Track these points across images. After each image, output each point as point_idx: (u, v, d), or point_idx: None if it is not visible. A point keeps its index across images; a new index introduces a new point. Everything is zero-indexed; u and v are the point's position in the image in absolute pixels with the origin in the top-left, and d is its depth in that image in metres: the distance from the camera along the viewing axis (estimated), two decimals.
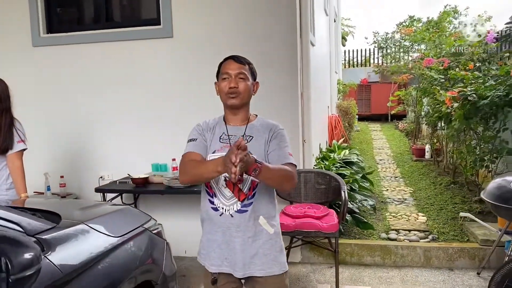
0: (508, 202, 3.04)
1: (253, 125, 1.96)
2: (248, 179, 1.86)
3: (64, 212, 1.99)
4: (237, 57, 1.95)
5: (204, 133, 1.96)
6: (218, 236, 1.90)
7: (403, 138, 10.77)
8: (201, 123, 2.03)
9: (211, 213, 1.90)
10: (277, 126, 1.96)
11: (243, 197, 1.86)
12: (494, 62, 5.31)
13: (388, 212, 5.20)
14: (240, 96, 1.90)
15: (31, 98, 4.34)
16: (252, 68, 1.98)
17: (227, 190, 1.88)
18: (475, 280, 3.65)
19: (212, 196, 1.90)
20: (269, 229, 1.90)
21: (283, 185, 1.82)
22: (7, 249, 1.19)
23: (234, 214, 1.86)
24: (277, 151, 1.87)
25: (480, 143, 4.73)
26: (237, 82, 1.89)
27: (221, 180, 1.88)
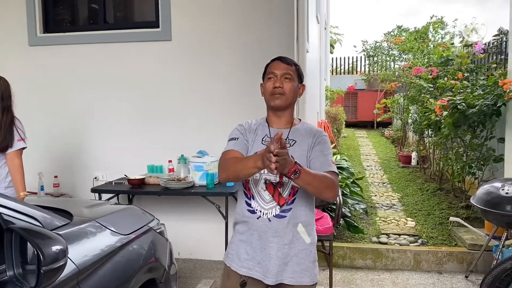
0: (497, 207, 3.15)
1: (297, 129, 1.90)
2: (289, 184, 1.80)
3: (73, 209, 2.02)
4: (284, 58, 1.91)
5: (246, 133, 1.91)
6: (253, 239, 1.83)
7: (389, 145, 10.96)
8: (243, 123, 1.97)
9: (248, 215, 1.84)
10: (321, 132, 1.90)
11: (282, 201, 1.79)
12: (482, 72, 5.48)
13: (378, 216, 5.30)
14: (284, 96, 1.84)
15: (26, 97, 4.28)
16: (299, 69, 1.92)
17: (266, 193, 1.82)
18: (463, 283, 3.76)
19: (250, 198, 1.84)
20: (306, 238, 1.83)
21: (324, 193, 1.73)
22: (38, 241, 1.22)
23: (272, 219, 1.79)
24: (319, 157, 1.81)
25: (468, 150, 4.88)
26: (282, 82, 1.83)
27: (261, 183, 1.82)
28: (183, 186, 3.68)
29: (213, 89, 4.11)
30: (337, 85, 13.89)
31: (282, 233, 1.79)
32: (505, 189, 3.16)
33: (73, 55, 4.36)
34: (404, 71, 8.03)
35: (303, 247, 1.82)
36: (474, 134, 4.63)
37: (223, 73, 4.06)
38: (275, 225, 1.79)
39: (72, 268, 1.56)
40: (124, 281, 1.90)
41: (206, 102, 4.16)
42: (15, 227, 1.30)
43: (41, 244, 1.22)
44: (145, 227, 2.27)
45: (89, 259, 1.67)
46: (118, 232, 1.99)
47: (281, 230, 1.79)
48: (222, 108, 4.08)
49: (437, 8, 43.01)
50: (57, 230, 1.61)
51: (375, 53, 12.00)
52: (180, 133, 4.21)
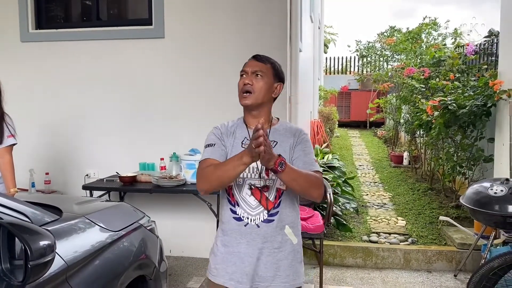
0: (485, 207, 3.19)
1: (276, 129, 1.82)
2: (274, 186, 1.74)
3: (63, 206, 2.01)
4: (259, 56, 1.82)
5: (223, 137, 1.81)
6: (240, 248, 1.75)
7: (382, 145, 11.01)
8: (219, 126, 1.87)
9: (233, 223, 1.76)
10: (301, 131, 1.83)
11: (271, 206, 1.74)
12: (473, 73, 5.53)
13: (369, 215, 5.34)
14: (253, 95, 1.74)
15: (17, 93, 4.29)
16: (276, 67, 1.82)
17: (252, 198, 1.74)
18: (452, 282, 3.80)
19: (235, 205, 1.77)
20: (294, 239, 1.79)
21: (310, 191, 1.67)
22: (25, 236, 1.22)
23: (260, 224, 1.73)
24: (302, 157, 1.75)
25: (458, 151, 4.92)
26: (252, 79, 1.75)
27: (245, 188, 1.75)
28: (174, 184, 3.68)
29: (205, 87, 4.11)
30: (331, 85, 13.94)
31: (271, 237, 1.74)
32: (494, 189, 3.20)
33: (66, 51, 4.34)
34: (397, 71, 8.07)
35: (292, 249, 1.79)
36: (465, 135, 4.67)
37: (215, 71, 4.06)
38: (264, 231, 1.73)
39: (61, 264, 1.56)
40: (114, 278, 1.90)
41: (199, 100, 4.16)
42: (3, 222, 1.30)
43: (28, 239, 1.22)
44: (135, 224, 2.27)
45: (78, 255, 1.67)
46: (108, 229, 1.99)
47: (270, 235, 1.74)
48: (214, 106, 4.08)
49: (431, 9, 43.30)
50: (46, 226, 1.61)
51: (368, 53, 12.05)
52: (172, 131, 4.21)
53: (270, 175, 1.72)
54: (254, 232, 1.74)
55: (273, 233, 1.74)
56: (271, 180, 1.74)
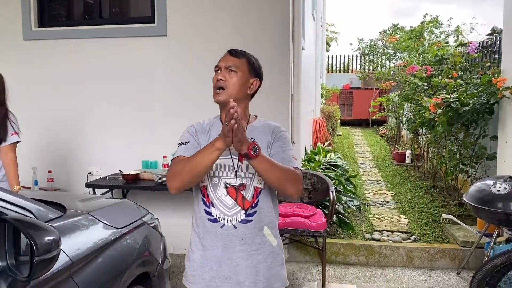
0: (488, 205, 3.18)
1: (254, 126, 1.75)
2: (251, 185, 1.66)
3: (67, 203, 2.02)
4: (234, 50, 1.74)
5: (197, 135, 1.75)
6: (217, 252, 1.66)
7: (384, 143, 11.00)
8: (194, 124, 1.81)
9: (209, 225, 1.67)
10: (279, 128, 1.76)
11: (248, 205, 1.65)
12: (475, 71, 5.51)
13: (371, 213, 5.33)
14: (226, 91, 1.67)
15: (20, 91, 4.29)
16: (253, 63, 1.74)
17: (228, 198, 1.65)
18: (455, 279, 3.80)
19: (209, 206, 1.67)
20: (273, 240, 1.72)
21: (286, 185, 1.59)
22: (31, 232, 1.22)
23: (237, 225, 1.64)
24: (280, 154, 1.67)
25: (461, 148, 4.92)
26: (225, 74, 1.67)
27: (221, 187, 1.66)
28: None
29: (208, 85, 4.06)
30: (333, 83, 13.92)
31: (250, 239, 1.65)
32: (497, 186, 3.19)
33: (68, 49, 4.35)
34: (399, 69, 8.06)
35: (271, 251, 1.71)
36: (468, 133, 4.66)
37: None
38: (241, 232, 1.65)
39: (66, 260, 1.57)
40: (117, 274, 1.91)
41: (201, 98, 4.12)
42: (9, 218, 1.31)
43: (34, 235, 1.22)
44: (139, 221, 2.28)
45: (82, 252, 1.68)
46: (111, 226, 2.00)
47: (248, 236, 1.65)
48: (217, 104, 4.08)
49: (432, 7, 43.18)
50: (50, 223, 1.62)
51: (371, 51, 12.03)
52: (175, 129, 4.15)
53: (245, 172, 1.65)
54: (231, 233, 1.65)
55: (251, 234, 1.66)
56: (248, 179, 1.66)
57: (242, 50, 1.76)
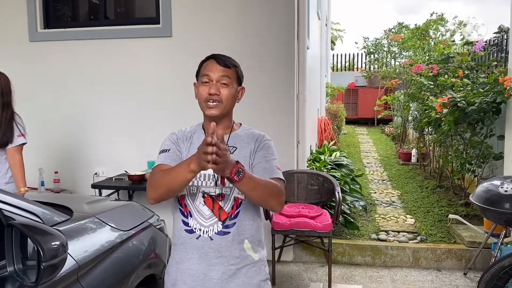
0: (496, 205, 3.16)
1: (237, 135, 1.68)
2: (231, 195, 1.59)
3: (73, 205, 2.03)
4: (221, 58, 1.64)
5: (179, 143, 1.68)
6: (192, 264, 1.58)
7: (389, 142, 10.96)
8: (176, 131, 1.75)
9: (185, 236, 1.60)
10: (263, 136, 1.69)
11: (224, 216, 1.57)
12: (482, 70, 5.48)
13: (377, 213, 5.32)
14: (221, 105, 1.60)
15: (26, 93, 4.31)
16: (239, 71, 1.69)
17: (205, 207, 1.58)
18: (461, 280, 3.78)
19: (187, 216, 1.60)
20: (254, 256, 1.63)
21: (269, 201, 1.53)
22: (38, 237, 1.23)
23: (214, 237, 1.56)
24: (263, 163, 1.60)
25: (467, 148, 4.89)
26: (219, 88, 1.60)
27: (199, 197, 1.59)
28: None
29: None
30: (338, 82, 13.88)
31: (227, 252, 1.57)
32: (504, 187, 3.17)
33: (74, 51, 4.36)
34: (405, 68, 8.02)
35: (253, 266, 1.62)
36: (474, 132, 4.63)
37: None
38: (217, 244, 1.56)
39: (72, 264, 1.57)
40: (124, 277, 1.91)
41: None
42: (16, 223, 1.31)
43: (41, 240, 1.23)
44: (145, 223, 2.29)
45: (89, 255, 1.69)
46: (118, 228, 2.00)
47: (225, 249, 1.57)
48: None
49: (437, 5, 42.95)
50: (57, 226, 1.62)
51: (376, 50, 11.98)
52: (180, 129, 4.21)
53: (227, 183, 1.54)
54: (207, 245, 1.56)
55: (228, 247, 1.57)
56: (228, 188, 1.58)
57: (226, 56, 1.68)
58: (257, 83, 3.94)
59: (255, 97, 3.87)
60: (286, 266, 4.04)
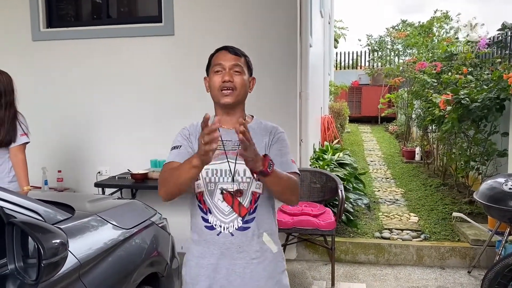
0: (500, 203, 3.14)
1: (250, 128, 1.61)
2: (248, 190, 1.60)
3: (75, 204, 2.03)
4: (232, 48, 1.66)
5: (190, 139, 1.68)
6: (213, 259, 1.60)
7: (393, 140, 10.92)
8: (187, 126, 1.74)
9: (206, 232, 1.61)
10: (277, 129, 1.70)
11: (244, 212, 1.59)
12: (486, 67, 5.44)
13: (381, 212, 5.30)
14: (235, 92, 1.61)
15: (29, 92, 4.33)
16: (249, 61, 1.70)
17: (224, 204, 1.59)
18: (465, 278, 3.76)
19: (207, 213, 1.61)
20: (273, 247, 1.66)
21: (288, 195, 1.57)
22: (38, 235, 1.23)
23: (234, 233, 1.58)
24: (279, 157, 1.61)
25: (471, 145, 4.86)
26: (232, 75, 1.60)
27: (217, 194, 1.60)
28: None
29: None
30: (341, 80, 13.84)
31: (248, 246, 1.59)
32: (509, 184, 3.15)
33: (76, 50, 4.36)
34: (408, 65, 7.99)
35: (272, 258, 1.65)
36: (478, 129, 4.60)
37: None
38: (239, 240, 1.58)
39: (74, 262, 1.57)
40: (126, 275, 1.91)
41: (209, 98, 4.15)
42: (16, 221, 1.31)
43: (41, 238, 1.23)
44: (147, 221, 2.29)
45: (90, 253, 1.69)
46: (120, 226, 2.00)
47: (246, 244, 1.59)
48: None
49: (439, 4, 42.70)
50: (59, 224, 1.62)
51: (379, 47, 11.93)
52: None
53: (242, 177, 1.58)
54: (228, 241, 1.59)
55: (249, 242, 1.59)
56: (245, 183, 1.59)
57: (235, 47, 1.69)
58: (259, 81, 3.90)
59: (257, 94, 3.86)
60: (289, 264, 4.03)
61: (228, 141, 1.63)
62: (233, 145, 1.61)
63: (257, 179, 1.57)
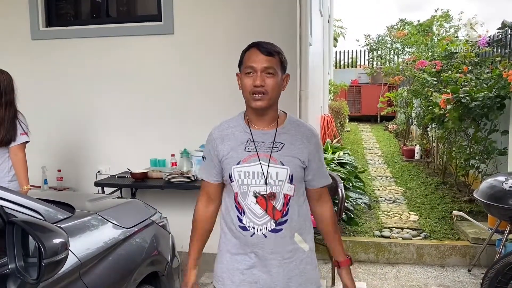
0: (500, 201, 3.14)
1: (285, 130, 1.64)
2: (281, 193, 1.59)
3: (76, 203, 2.02)
4: (264, 46, 1.57)
5: (216, 143, 1.66)
6: (247, 258, 1.64)
7: (393, 139, 10.93)
8: (215, 130, 1.70)
9: (240, 231, 1.63)
10: (314, 134, 1.68)
11: (278, 216, 1.59)
12: (486, 66, 5.44)
13: (381, 210, 5.30)
14: (267, 96, 1.56)
15: (29, 91, 4.29)
16: (282, 58, 1.61)
17: (257, 207, 1.59)
18: (466, 276, 3.76)
19: (241, 213, 1.62)
20: (305, 246, 1.66)
21: None
22: (39, 234, 1.22)
23: (268, 234, 1.59)
24: (320, 168, 1.68)
25: (471, 144, 4.86)
26: (264, 79, 1.54)
27: (250, 196, 1.60)
28: (185, 180, 3.69)
29: (216, 83, 4.10)
30: (341, 79, 13.82)
31: (281, 248, 1.61)
32: (509, 183, 3.15)
33: (76, 49, 4.35)
34: (408, 64, 7.98)
35: (304, 256, 1.66)
36: (478, 128, 4.60)
37: (226, 67, 4.04)
38: (271, 241, 1.60)
39: (74, 261, 1.57)
40: (127, 274, 1.91)
41: (209, 96, 4.15)
42: (17, 220, 1.31)
43: (42, 237, 1.22)
44: (147, 221, 2.28)
45: (91, 252, 1.68)
46: (120, 226, 2.00)
47: (279, 245, 1.60)
48: (224, 102, 4.07)
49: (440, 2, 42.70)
50: (59, 224, 1.62)
51: (378, 46, 11.91)
52: (182, 127, 4.20)
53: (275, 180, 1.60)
54: (261, 242, 1.60)
55: (282, 243, 1.61)
56: (278, 186, 1.58)
57: (268, 42, 1.60)
58: None
59: None
60: None
61: (260, 143, 1.61)
62: (266, 147, 1.61)
63: None
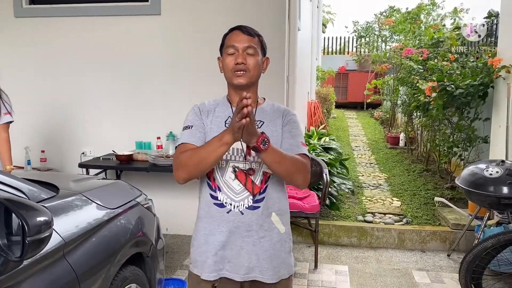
0: (480, 188, 3.21)
1: (263, 109, 1.69)
2: (260, 169, 1.60)
3: (60, 183, 2.01)
4: (245, 28, 1.64)
5: (202, 117, 1.67)
6: (222, 237, 1.61)
7: (378, 126, 11.02)
8: (198, 104, 1.72)
9: (215, 210, 1.61)
10: (289, 111, 1.71)
11: (257, 190, 1.59)
12: (472, 54, 5.50)
13: (364, 196, 5.37)
14: (248, 74, 1.60)
15: (11, 70, 4.24)
16: (262, 40, 1.68)
17: (236, 182, 1.59)
18: (445, 261, 3.85)
19: (216, 190, 1.61)
20: (281, 228, 1.65)
21: (294, 176, 1.56)
22: (22, 212, 1.22)
23: (244, 211, 1.59)
24: (289, 139, 1.63)
25: (454, 132, 4.93)
26: (245, 57, 1.59)
27: (228, 172, 1.60)
28: (171, 163, 3.67)
29: (202, 65, 4.07)
30: (328, 65, 13.83)
31: (256, 226, 1.60)
32: (489, 170, 3.22)
33: (60, 28, 4.28)
34: (395, 52, 8.02)
35: (279, 238, 1.65)
36: (462, 116, 4.67)
37: (212, 50, 3.99)
38: (248, 218, 1.59)
39: (58, 241, 1.57)
40: (111, 254, 1.91)
41: (195, 79, 4.13)
42: (0, 198, 1.30)
43: (26, 215, 1.22)
44: (132, 202, 2.28)
45: (75, 232, 1.68)
46: (104, 206, 2.00)
47: (255, 223, 1.60)
48: (211, 85, 4.02)
49: None
50: (43, 203, 1.61)
51: (366, 33, 11.92)
52: (169, 110, 4.18)
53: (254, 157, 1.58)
54: (238, 219, 1.59)
55: (258, 221, 1.60)
56: (257, 163, 1.59)
57: (248, 26, 1.66)
58: None
59: None
60: None
61: None
62: None
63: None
